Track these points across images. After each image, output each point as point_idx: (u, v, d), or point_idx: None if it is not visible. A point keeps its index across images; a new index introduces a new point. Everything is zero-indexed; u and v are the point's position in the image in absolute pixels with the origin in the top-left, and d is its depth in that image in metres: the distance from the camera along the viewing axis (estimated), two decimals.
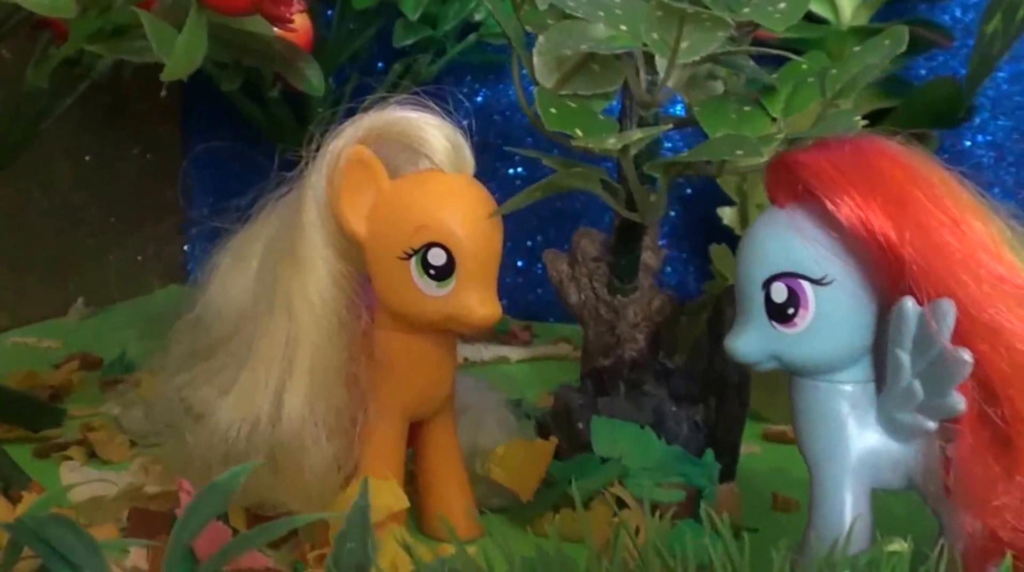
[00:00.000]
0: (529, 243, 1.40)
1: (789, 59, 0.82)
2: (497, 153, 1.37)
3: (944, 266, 0.60)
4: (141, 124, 1.44)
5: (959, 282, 0.60)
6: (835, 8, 1.24)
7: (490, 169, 1.28)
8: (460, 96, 1.43)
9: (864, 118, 1.22)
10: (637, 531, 0.62)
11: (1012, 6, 0.85)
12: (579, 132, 0.73)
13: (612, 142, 0.71)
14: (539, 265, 0.89)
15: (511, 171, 1.39)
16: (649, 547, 0.57)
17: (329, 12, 1.26)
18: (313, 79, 0.93)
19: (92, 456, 0.91)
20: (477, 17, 1.27)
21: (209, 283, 0.78)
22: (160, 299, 1.47)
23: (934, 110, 1.23)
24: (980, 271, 0.61)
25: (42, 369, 1.11)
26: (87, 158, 1.37)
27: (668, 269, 1.40)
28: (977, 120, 1.34)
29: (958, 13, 1.34)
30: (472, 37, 1.26)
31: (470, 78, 1.42)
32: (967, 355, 0.60)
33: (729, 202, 1.19)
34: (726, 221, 1.17)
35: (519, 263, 1.41)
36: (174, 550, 0.59)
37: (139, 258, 1.47)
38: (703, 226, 1.28)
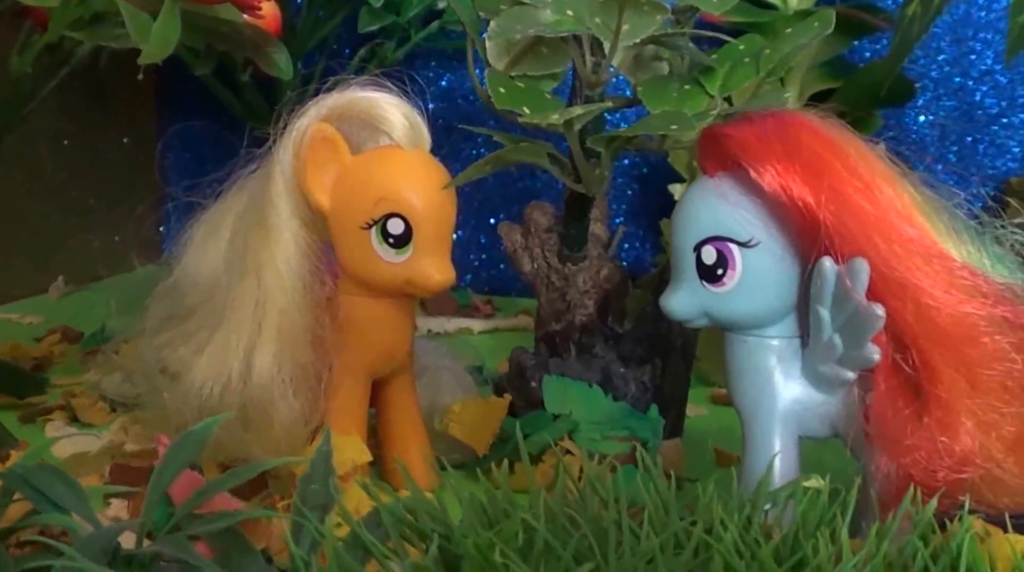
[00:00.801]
0: (492, 221, 1.44)
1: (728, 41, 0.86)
2: (462, 135, 1.42)
3: (858, 228, 0.65)
4: (118, 109, 1.48)
5: (871, 243, 0.65)
6: None
7: (455, 151, 1.33)
8: (424, 81, 1.48)
9: (810, 99, 1.28)
10: (581, 476, 0.67)
11: None
12: (526, 110, 0.77)
13: (555, 117, 0.76)
14: (502, 243, 0.93)
15: (475, 152, 1.42)
16: (587, 486, 0.61)
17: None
18: (281, 63, 0.97)
19: (74, 420, 0.96)
20: (440, 5, 1.31)
21: (184, 253, 0.83)
22: (138, 278, 1.50)
23: (875, 91, 1.27)
24: (891, 233, 0.65)
25: (25, 342, 1.15)
26: (66, 142, 1.41)
27: (625, 245, 1.44)
28: (920, 101, 1.39)
29: None
30: (435, 24, 1.30)
31: (435, 64, 1.46)
32: (880, 309, 0.64)
33: (679, 179, 1.23)
34: (677, 197, 1.21)
35: (482, 240, 1.45)
36: (152, 494, 0.63)
37: (117, 238, 1.51)
38: (658, 203, 1.32)
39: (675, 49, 0.84)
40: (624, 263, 1.43)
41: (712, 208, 0.69)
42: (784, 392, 0.70)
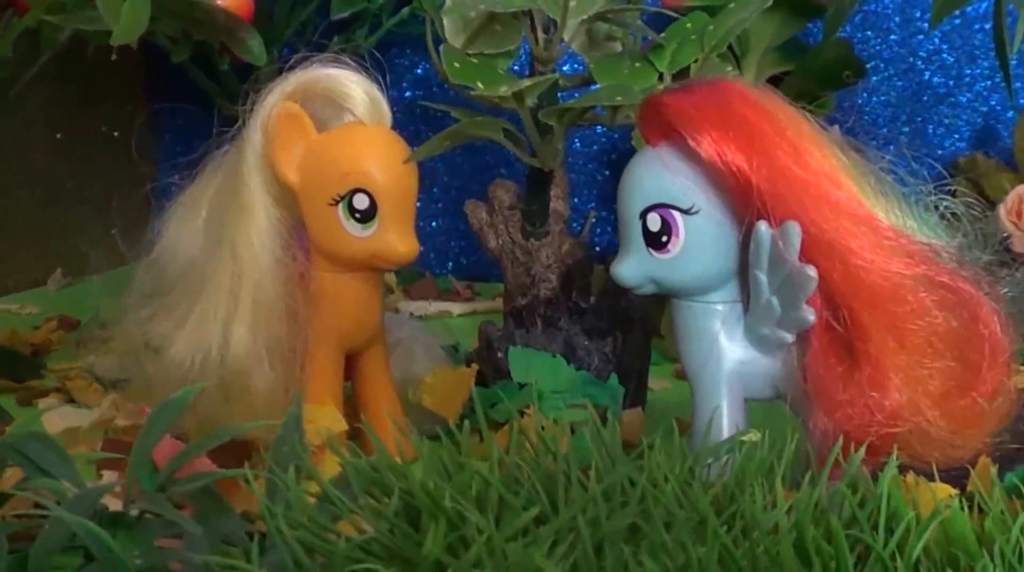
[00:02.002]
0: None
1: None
2: (437, 122, 1.43)
3: (790, 192, 0.67)
4: (109, 104, 1.49)
5: (802, 206, 0.67)
6: None
7: (430, 137, 1.34)
8: (401, 69, 1.50)
9: (766, 82, 1.29)
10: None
11: None
12: (480, 84, 0.79)
13: (504, 89, 0.78)
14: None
15: None
16: (540, 445, 0.63)
17: None
18: (254, 48, 0.99)
19: (70, 401, 0.98)
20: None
21: (164, 230, 0.85)
22: (132, 271, 1.53)
23: (827, 72, 1.29)
24: (820, 195, 0.67)
25: (23, 330, 1.17)
26: (59, 136, 1.43)
27: (598, 229, 1.46)
28: (873, 80, 1.41)
29: None
30: (405, 11, 1.32)
31: (410, 52, 1.48)
32: (812, 271, 0.66)
33: None
34: None
35: (461, 228, 1.46)
36: (137, 458, 0.65)
37: (113, 230, 1.53)
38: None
39: (624, 26, 0.86)
40: (597, 246, 1.45)
41: (655, 177, 0.71)
42: (729, 354, 0.72)
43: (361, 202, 0.77)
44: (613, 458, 0.63)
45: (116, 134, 1.52)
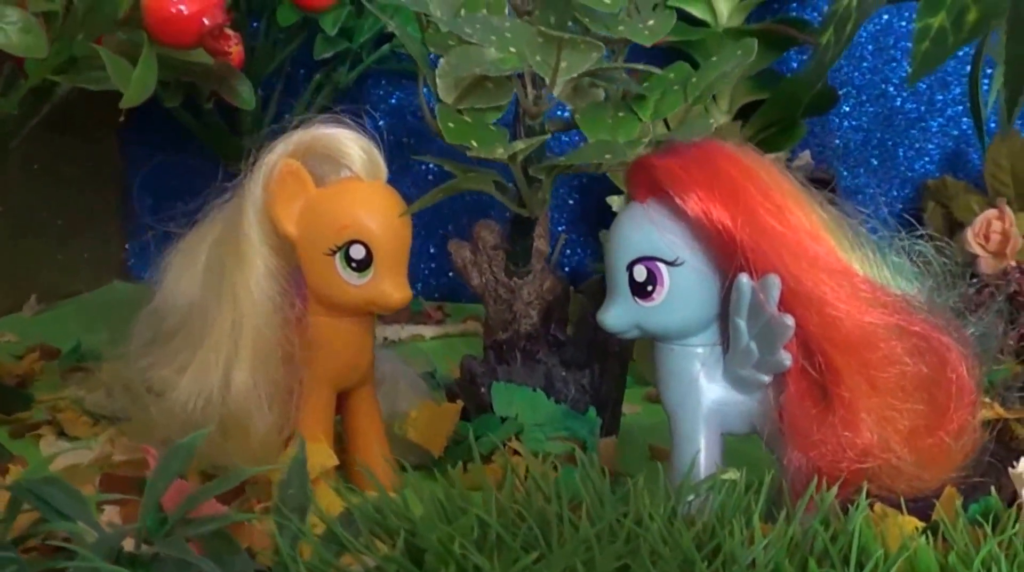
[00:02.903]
0: (441, 231, 1.52)
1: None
2: (412, 151, 1.50)
3: (770, 248, 0.74)
4: (83, 133, 1.55)
5: (782, 261, 0.74)
6: (713, 11, 1.37)
7: (405, 165, 1.41)
8: (375, 99, 1.56)
9: (741, 110, 1.37)
10: (527, 475, 0.76)
11: (843, 20, 1.00)
12: (474, 143, 0.86)
13: (500, 152, 0.85)
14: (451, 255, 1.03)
15: (423, 167, 1.51)
16: (532, 484, 0.70)
17: (255, 23, 1.38)
18: (244, 94, 1.05)
19: (61, 433, 1.03)
20: (390, 27, 1.39)
21: (163, 278, 0.91)
22: (104, 294, 1.59)
23: (799, 102, 1.37)
24: (799, 251, 0.74)
25: (5, 360, 1.23)
26: (35, 167, 1.48)
27: (567, 251, 1.53)
28: (845, 107, 1.49)
29: (824, 8, 1.47)
30: (386, 48, 1.39)
31: (385, 82, 1.55)
32: (790, 320, 0.74)
33: (618, 191, 1.32)
34: (615, 208, 1.30)
35: (431, 250, 1.53)
36: (148, 502, 0.72)
37: (85, 256, 1.59)
38: (597, 211, 1.41)
39: (610, 81, 0.92)
40: (566, 269, 1.52)
41: (642, 231, 0.78)
42: (707, 393, 0.79)
43: (358, 252, 0.84)
44: (601, 498, 0.69)
45: (90, 163, 1.58)
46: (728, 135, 1.33)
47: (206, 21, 0.90)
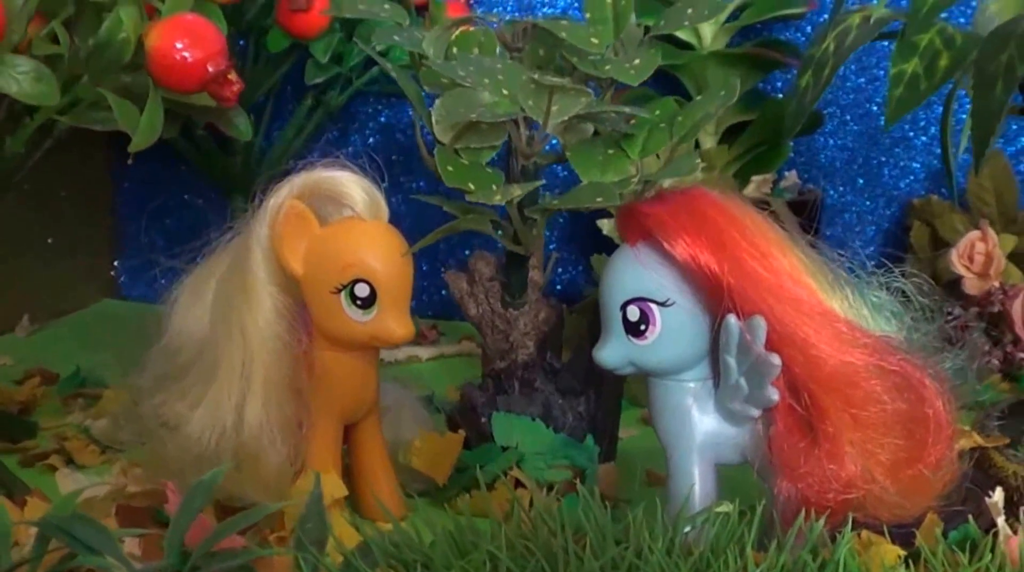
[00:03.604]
0: (433, 249, 1.58)
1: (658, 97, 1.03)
2: (401, 168, 1.57)
3: (756, 291, 0.81)
4: (72, 152, 1.61)
5: (767, 304, 0.81)
6: (697, 34, 1.44)
7: (395, 183, 1.47)
8: (364, 117, 1.63)
9: (726, 131, 1.44)
10: (531, 505, 0.83)
11: (820, 64, 1.07)
12: (471, 186, 0.93)
13: (498, 198, 0.92)
14: (441, 269, 1.10)
15: (413, 185, 1.56)
16: (537, 517, 0.78)
17: (241, 42, 1.44)
18: (241, 126, 1.12)
19: (69, 462, 1.10)
20: (386, 70, 1.46)
21: (172, 314, 0.98)
22: (95, 313, 1.66)
23: (783, 125, 1.44)
24: (783, 294, 0.82)
25: (5, 386, 1.29)
26: (26, 186, 1.54)
27: (560, 269, 1.60)
28: (830, 126, 1.56)
29: (809, 30, 1.55)
30: (375, 70, 1.45)
31: (373, 100, 1.61)
32: (776, 359, 0.81)
33: (608, 214, 1.39)
34: (605, 231, 1.37)
35: (423, 267, 1.59)
36: (173, 538, 0.79)
37: (74, 275, 1.65)
38: (588, 230, 1.47)
39: (600, 123, 0.99)
40: (558, 287, 1.59)
41: (634, 274, 0.85)
42: (700, 426, 0.86)
43: (362, 290, 0.91)
44: (603, 531, 0.77)
45: (80, 182, 1.64)
46: (717, 159, 1.40)
47: (211, 68, 0.95)
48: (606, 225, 1.37)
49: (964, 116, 1.17)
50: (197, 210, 1.66)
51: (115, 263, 1.72)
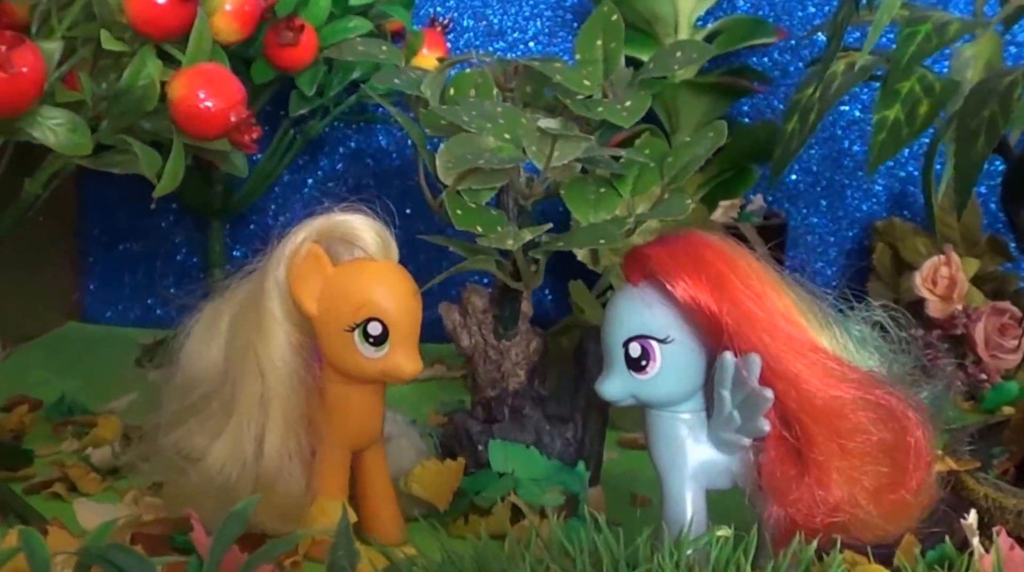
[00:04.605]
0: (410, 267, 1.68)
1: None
2: (373, 193, 1.66)
3: (751, 330, 0.92)
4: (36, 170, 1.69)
5: (762, 341, 0.92)
6: None
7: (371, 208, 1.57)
8: (333, 142, 1.73)
9: None
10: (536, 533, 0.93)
11: (806, 110, 1.18)
12: (479, 229, 1.03)
13: (510, 242, 1.02)
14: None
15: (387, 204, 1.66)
16: (554, 542, 0.88)
17: None
18: (239, 163, 1.20)
19: (73, 489, 1.19)
20: (355, 76, 1.55)
21: (184, 348, 1.07)
22: (62, 337, 1.74)
23: (756, 148, 1.55)
24: (776, 333, 0.92)
25: None
26: None
27: (535, 297, 1.70)
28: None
29: (776, 55, 1.66)
30: (352, 99, 1.56)
31: (342, 126, 1.72)
32: (769, 393, 0.91)
33: None
34: (580, 257, 1.47)
35: None
36: (210, 568, 0.88)
37: (42, 297, 1.73)
38: (560, 257, 1.57)
39: (593, 164, 1.09)
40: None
41: (636, 312, 0.95)
42: (693, 455, 0.97)
43: (375, 329, 1.01)
44: (615, 558, 0.87)
45: (45, 203, 1.71)
46: (687, 185, 1.51)
47: (233, 118, 1.04)
48: (581, 252, 1.47)
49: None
50: (162, 233, 1.75)
51: (79, 286, 1.80)
